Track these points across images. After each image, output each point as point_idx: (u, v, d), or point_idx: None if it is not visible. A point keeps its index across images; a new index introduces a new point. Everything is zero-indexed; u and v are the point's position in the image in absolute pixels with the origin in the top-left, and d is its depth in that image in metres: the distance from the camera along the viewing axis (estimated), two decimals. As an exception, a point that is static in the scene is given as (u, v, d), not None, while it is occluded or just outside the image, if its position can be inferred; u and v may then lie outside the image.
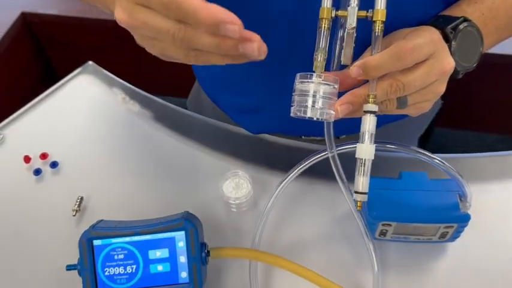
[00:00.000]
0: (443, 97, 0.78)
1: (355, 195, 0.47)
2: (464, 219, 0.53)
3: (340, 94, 0.46)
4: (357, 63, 0.44)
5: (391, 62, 0.43)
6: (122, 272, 0.52)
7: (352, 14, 0.44)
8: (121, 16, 0.39)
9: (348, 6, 0.45)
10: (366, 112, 0.45)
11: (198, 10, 0.35)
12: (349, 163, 0.53)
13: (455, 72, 0.49)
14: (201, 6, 0.35)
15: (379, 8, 0.44)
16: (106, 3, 0.48)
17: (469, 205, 0.53)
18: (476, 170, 0.67)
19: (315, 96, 0.44)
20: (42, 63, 1.57)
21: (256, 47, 0.38)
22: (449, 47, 0.48)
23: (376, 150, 0.47)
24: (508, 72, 1.34)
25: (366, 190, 0.46)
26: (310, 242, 0.61)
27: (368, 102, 0.45)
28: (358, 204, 0.47)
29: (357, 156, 0.46)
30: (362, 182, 0.46)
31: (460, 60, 0.49)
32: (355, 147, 0.47)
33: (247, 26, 0.49)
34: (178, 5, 0.36)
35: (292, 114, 0.45)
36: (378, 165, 0.46)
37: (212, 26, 0.36)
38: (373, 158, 0.46)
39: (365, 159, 0.46)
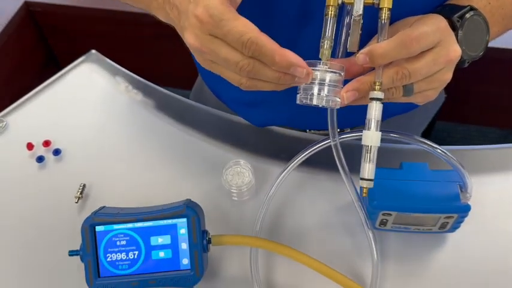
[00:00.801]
0: (446, 91, 0.78)
1: (361, 181, 0.47)
2: (465, 209, 0.53)
3: (346, 82, 0.46)
4: (363, 50, 0.44)
5: (398, 50, 0.43)
6: (124, 258, 0.53)
7: (358, 1, 0.44)
8: (192, 42, 0.43)
9: None
10: (372, 99, 0.45)
11: (274, 53, 0.40)
12: (351, 154, 0.53)
13: (462, 61, 0.49)
14: (277, 50, 0.40)
15: None
16: (160, 14, 0.51)
17: (469, 196, 0.53)
18: (477, 161, 0.67)
19: (321, 83, 0.44)
20: (44, 52, 1.57)
21: (305, 72, 0.42)
22: (456, 36, 0.48)
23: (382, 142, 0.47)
24: (511, 67, 1.33)
25: (372, 177, 0.46)
26: (311, 231, 0.61)
27: (374, 89, 0.45)
28: (364, 190, 0.47)
29: (363, 143, 0.46)
30: (368, 168, 0.46)
31: (466, 49, 0.49)
32: (358, 135, 0.47)
33: (257, 14, 0.50)
34: (258, 47, 0.40)
35: (298, 102, 0.46)
36: (379, 155, 0.47)
37: (282, 67, 0.41)
38: (379, 144, 0.46)
39: (371, 146, 0.46)
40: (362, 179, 0.47)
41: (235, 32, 0.40)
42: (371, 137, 0.46)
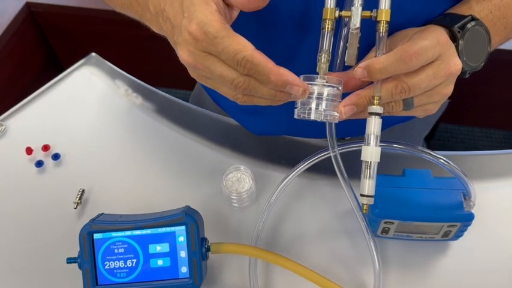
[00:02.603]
0: (449, 96, 0.77)
1: (361, 198, 0.46)
2: (468, 218, 0.52)
3: (344, 95, 0.45)
4: (361, 64, 0.43)
5: (396, 66, 0.42)
6: (122, 266, 0.52)
7: (355, 14, 0.43)
8: (186, 58, 0.42)
9: (352, 6, 0.44)
10: (371, 114, 0.44)
11: (270, 72, 0.39)
12: (353, 161, 0.52)
13: (462, 72, 0.48)
14: (272, 68, 0.40)
15: (383, 8, 0.43)
16: (151, 24, 0.50)
17: (473, 204, 0.53)
18: (480, 168, 0.66)
19: (318, 98, 0.43)
20: (46, 52, 1.57)
21: (301, 90, 0.41)
22: (457, 47, 0.47)
23: (384, 147, 0.46)
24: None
25: (372, 193, 0.45)
26: (311, 238, 0.60)
27: (373, 104, 0.44)
28: (364, 207, 0.46)
29: (362, 159, 0.45)
30: (368, 184, 0.45)
31: (467, 60, 0.48)
32: (357, 146, 0.46)
33: (255, 25, 0.49)
34: (253, 66, 0.39)
35: (295, 116, 0.45)
36: (381, 162, 0.46)
37: (277, 86, 0.40)
38: (378, 160, 0.45)
39: (370, 162, 0.45)
40: (362, 195, 0.46)
41: (230, 50, 0.39)
42: (370, 152, 0.45)
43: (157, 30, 0.49)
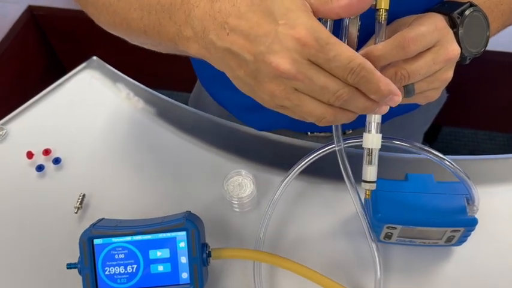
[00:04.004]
0: (449, 90, 0.77)
1: (363, 184, 0.47)
2: (472, 223, 0.52)
3: None
4: (360, 52, 0.43)
5: (395, 52, 0.43)
6: (123, 272, 0.52)
7: None
8: (288, 67, 0.38)
9: None
10: None
11: (380, 80, 0.39)
12: (354, 163, 0.52)
13: (463, 58, 0.48)
14: (381, 77, 0.39)
15: None
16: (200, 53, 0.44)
17: (476, 209, 0.52)
18: (483, 172, 0.66)
19: None
20: (48, 55, 1.57)
21: (397, 100, 0.41)
22: (457, 33, 0.47)
23: (384, 149, 0.47)
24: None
25: (374, 179, 0.46)
26: (314, 242, 0.60)
27: None
28: (367, 193, 0.47)
29: (364, 145, 0.46)
30: (370, 170, 0.46)
31: (467, 45, 0.48)
32: (361, 141, 0.46)
33: None
34: (367, 73, 0.38)
35: None
36: (383, 166, 0.46)
37: (384, 95, 0.40)
38: (379, 147, 0.46)
39: (372, 149, 0.46)
40: (364, 181, 0.46)
41: (343, 57, 0.37)
42: (371, 139, 0.46)
43: (195, 50, 0.44)
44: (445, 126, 1.56)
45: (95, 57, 0.82)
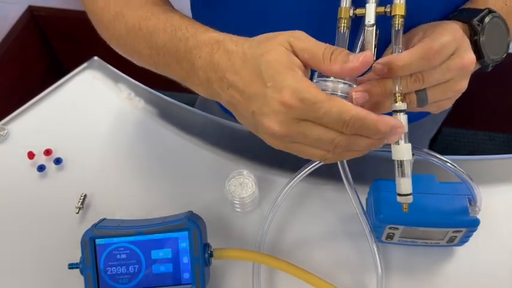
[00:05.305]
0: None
1: (398, 198, 0.45)
2: (474, 223, 0.52)
3: None
4: (381, 60, 0.42)
5: (420, 63, 0.42)
6: (124, 272, 0.52)
7: (369, 10, 0.43)
8: (277, 129, 0.39)
9: (366, 3, 0.44)
10: (396, 112, 0.44)
11: (377, 124, 0.39)
12: (355, 165, 0.52)
13: (485, 65, 0.48)
14: (378, 120, 0.39)
15: (397, 2, 0.43)
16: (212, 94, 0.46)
17: (478, 209, 0.52)
18: (484, 172, 0.66)
19: (332, 94, 0.42)
20: (49, 56, 1.57)
21: (401, 131, 0.41)
22: (478, 40, 0.47)
23: (386, 151, 0.46)
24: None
25: (409, 191, 0.44)
26: (315, 243, 0.60)
27: (395, 101, 0.43)
28: (404, 206, 0.46)
29: (394, 158, 0.45)
30: (403, 183, 0.44)
31: (489, 52, 0.47)
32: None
33: (277, 25, 0.48)
34: (361, 122, 0.38)
35: None
36: (385, 167, 0.45)
37: (385, 134, 0.40)
38: (410, 158, 0.44)
39: (402, 160, 0.44)
40: (399, 194, 0.45)
41: (334, 112, 0.38)
42: (401, 151, 0.44)
43: (207, 95, 0.47)
44: (445, 127, 1.56)
45: (96, 58, 0.82)
